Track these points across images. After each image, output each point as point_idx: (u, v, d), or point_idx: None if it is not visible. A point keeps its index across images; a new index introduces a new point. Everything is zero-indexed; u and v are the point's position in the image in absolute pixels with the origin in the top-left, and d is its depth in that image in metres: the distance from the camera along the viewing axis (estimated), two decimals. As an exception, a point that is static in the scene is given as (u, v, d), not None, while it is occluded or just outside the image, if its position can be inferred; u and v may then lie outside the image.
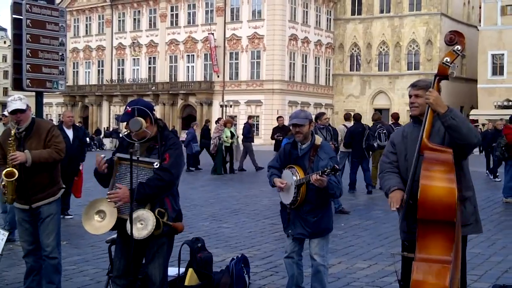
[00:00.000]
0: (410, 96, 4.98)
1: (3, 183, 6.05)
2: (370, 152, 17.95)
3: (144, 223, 4.90)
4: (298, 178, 6.08)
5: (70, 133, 12.63)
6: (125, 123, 5.13)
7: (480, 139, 4.67)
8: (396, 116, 20.78)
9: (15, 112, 6.08)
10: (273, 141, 23.32)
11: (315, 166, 6.13)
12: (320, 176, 5.80)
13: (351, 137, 17.36)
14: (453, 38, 4.66)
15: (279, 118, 24.19)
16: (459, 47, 4.62)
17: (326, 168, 5.81)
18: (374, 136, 17.90)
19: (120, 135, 20.88)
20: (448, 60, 4.61)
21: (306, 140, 6.30)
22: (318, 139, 6.34)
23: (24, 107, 6.10)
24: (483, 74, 59.74)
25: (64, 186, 6.55)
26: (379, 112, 22.19)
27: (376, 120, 19.19)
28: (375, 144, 17.66)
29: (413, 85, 4.99)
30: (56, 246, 6.34)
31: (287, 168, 6.29)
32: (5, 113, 10.82)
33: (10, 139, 6.07)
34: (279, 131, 22.05)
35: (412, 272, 4.31)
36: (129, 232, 4.84)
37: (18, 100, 6.10)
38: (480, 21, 63.17)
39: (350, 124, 18.78)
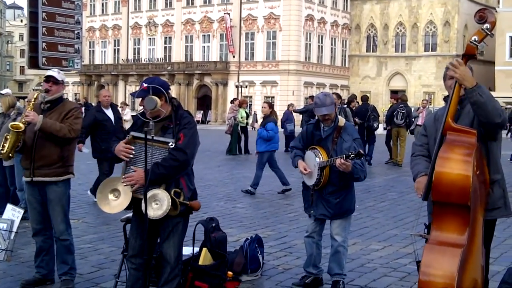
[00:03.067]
0: (450, 78, 4.82)
1: (6, 135, 6.10)
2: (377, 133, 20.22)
3: (159, 203, 4.89)
4: (322, 160, 6.05)
5: (110, 113, 11.60)
6: (139, 99, 5.10)
7: (505, 119, 4.58)
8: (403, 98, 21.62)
9: (48, 78, 6.21)
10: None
11: (338, 148, 6.10)
12: (345, 161, 5.76)
13: (355, 115, 19.30)
14: (483, 16, 4.50)
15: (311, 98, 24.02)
16: (488, 25, 4.47)
17: (351, 153, 5.77)
18: (376, 117, 19.98)
19: (125, 114, 20.78)
20: (476, 39, 4.46)
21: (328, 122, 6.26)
22: (342, 121, 6.28)
23: (58, 77, 6.24)
24: (501, 56, 59.18)
25: (73, 174, 6.53)
26: (404, 94, 23.34)
27: (403, 100, 20.85)
28: (375, 125, 19.81)
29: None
30: (65, 229, 6.38)
31: (310, 149, 6.26)
32: (3, 91, 10.84)
33: (32, 99, 6.21)
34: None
35: (423, 253, 4.28)
36: (149, 215, 4.84)
37: (56, 72, 6.31)
38: (498, 2, 62.45)
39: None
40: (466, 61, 4.53)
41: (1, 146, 6.12)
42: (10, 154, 6.12)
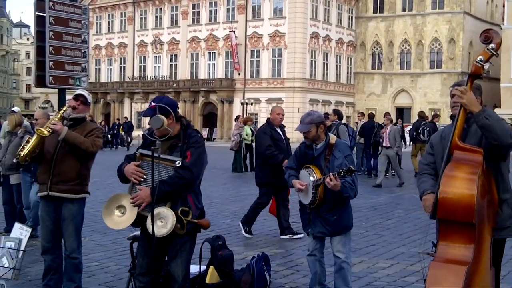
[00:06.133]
0: (452, 96, 4.88)
1: (29, 138, 6.17)
2: (380, 148, 20.92)
3: (164, 221, 4.90)
4: (315, 178, 6.07)
5: (280, 132, 10.78)
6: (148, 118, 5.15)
7: None
8: (372, 116, 23.68)
9: (78, 97, 6.32)
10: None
11: (331, 165, 6.13)
12: (334, 178, 5.78)
13: (362, 131, 22.25)
14: (489, 36, 4.54)
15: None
16: (493, 45, 4.51)
17: (341, 170, 5.79)
18: (381, 134, 20.88)
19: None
20: (482, 59, 4.50)
21: (319, 140, 6.29)
22: (333, 138, 6.33)
23: (87, 97, 6.42)
24: (506, 73, 59.18)
25: (89, 192, 6.55)
26: (423, 112, 24.64)
27: (422, 118, 22.63)
28: (381, 140, 20.63)
29: (458, 85, 4.91)
30: (76, 247, 6.37)
31: (304, 168, 6.28)
32: (14, 109, 10.88)
33: (61, 111, 6.29)
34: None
35: (428, 271, 4.29)
36: (149, 230, 4.85)
37: (86, 93, 6.48)
38: (503, 19, 62.58)
39: (364, 120, 23.26)
40: (472, 81, 4.56)
41: (22, 148, 6.17)
42: (27, 158, 6.13)
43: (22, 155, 6.11)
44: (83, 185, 6.40)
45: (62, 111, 6.28)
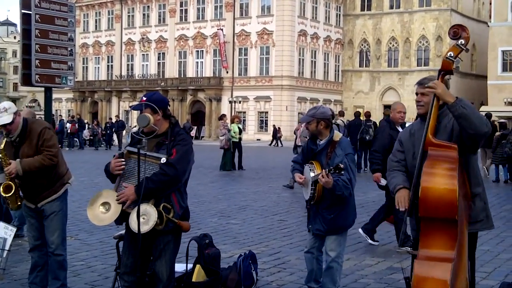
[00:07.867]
0: (416, 94, 4.94)
1: (5, 197, 6.07)
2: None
3: (146, 218, 4.88)
4: (315, 174, 6.04)
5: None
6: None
7: (490, 128, 4.60)
8: (368, 114, 24.54)
9: (4, 126, 5.97)
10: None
11: (331, 162, 6.07)
12: (326, 175, 5.76)
13: (348, 129, 22.41)
14: (457, 32, 4.62)
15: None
16: (462, 41, 4.58)
17: (331, 167, 5.77)
18: (368, 131, 22.18)
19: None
20: (452, 55, 4.57)
21: (323, 136, 6.27)
22: (337, 135, 6.29)
23: (11, 119, 5.92)
24: (493, 70, 59.36)
25: (70, 182, 6.48)
26: (387, 110, 25.37)
27: (388, 115, 22.58)
28: (367, 137, 21.79)
29: (420, 83, 4.93)
30: (60, 243, 6.31)
31: (308, 164, 6.26)
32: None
33: (1, 148, 6.04)
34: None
35: (413, 269, 4.29)
36: (131, 227, 4.84)
37: (4, 113, 5.90)
38: (490, 17, 62.82)
39: (344, 119, 23.82)
40: (443, 77, 4.61)
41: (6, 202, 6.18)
42: (19, 203, 6.16)
43: (13, 206, 6.17)
44: (61, 178, 6.32)
45: (2, 144, 6.05)
